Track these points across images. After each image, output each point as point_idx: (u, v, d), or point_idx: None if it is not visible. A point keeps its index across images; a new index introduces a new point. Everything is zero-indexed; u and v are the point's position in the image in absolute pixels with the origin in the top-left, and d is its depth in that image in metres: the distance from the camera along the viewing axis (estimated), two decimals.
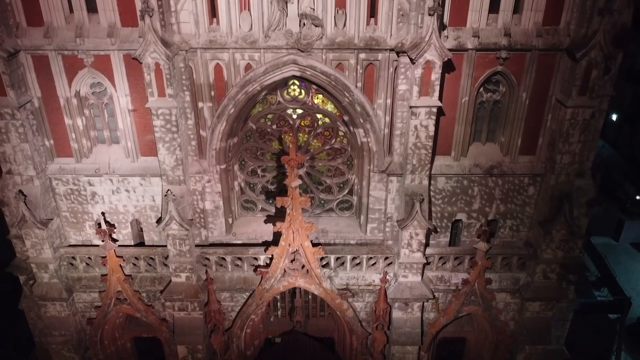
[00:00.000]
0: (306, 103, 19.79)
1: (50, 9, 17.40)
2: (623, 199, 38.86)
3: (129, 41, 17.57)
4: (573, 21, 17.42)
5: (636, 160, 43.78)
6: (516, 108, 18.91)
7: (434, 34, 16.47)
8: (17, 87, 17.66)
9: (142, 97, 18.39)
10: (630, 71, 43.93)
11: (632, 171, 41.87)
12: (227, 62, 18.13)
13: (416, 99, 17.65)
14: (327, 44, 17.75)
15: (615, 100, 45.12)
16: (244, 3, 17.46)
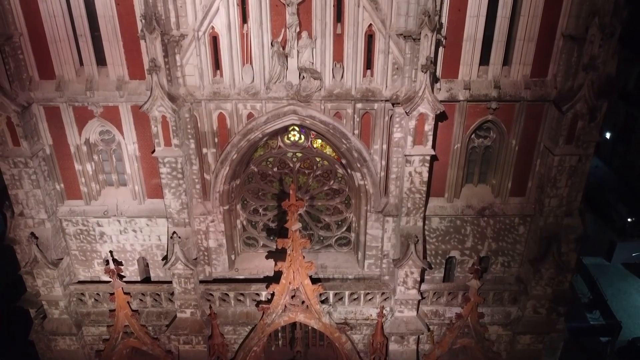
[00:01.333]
0: (306, 147, 20.65)
1: (62, 63, 18.28)
2: (615, 220, 39.69)
3: (136, 93, 18.45)
4: (559, 74, 18.31)
5: (629, 179, 44.63)
6: (506, 153, 19.79)
7: (427, 89, 17.36)
8: (30, 137, 18.54)
9: (148, 144, 19.26)
10: (624, 90, 44.73)
11: (625, 191, 42.72)
12: (230, 111, 19.00)
13: (410, 147, 18.53)
14: (326, 95, 18.64)
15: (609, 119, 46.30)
16: (246, 57, 18.32)
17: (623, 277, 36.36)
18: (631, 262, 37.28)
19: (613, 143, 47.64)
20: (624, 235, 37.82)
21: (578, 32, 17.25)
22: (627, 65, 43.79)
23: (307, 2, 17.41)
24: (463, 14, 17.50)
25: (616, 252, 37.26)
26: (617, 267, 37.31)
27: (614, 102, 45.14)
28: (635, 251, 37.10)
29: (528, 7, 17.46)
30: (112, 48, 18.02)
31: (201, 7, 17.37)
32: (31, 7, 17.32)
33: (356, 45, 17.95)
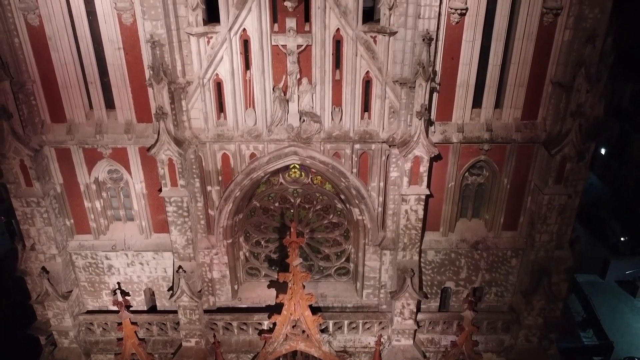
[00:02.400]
0: (306, 184, 21.45)
1: (72, 107, 19.10)
2: (609, 237, 40.45)
3: (144, 136, 19.27)
4: (549, 117, 19.13)
5: (623, 194, 45.40)
6: (498, 190, 20.60)
7: (421, 134, 18.19)
8: (42, 178, 19.35)
9: (155, 182, 20.09)
10: (618, 107, 45.54)
11: (618, 207, 43.47)
12: (234, 152, 19.81)
13: (406, 187, 19.35)
14: (325, 137, 19.45)
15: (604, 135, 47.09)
16: (249, 101, 19.13)
17: (616, 295, 37.15)
18: (625, 280, 38.01)
19: (607, 158, 48.40)
20: (617, 253, 38.56)
21: (566, 80, 18.08)
22: (621, 83, 44.66)
23: (307, 50, 18.23)
24: (456, 62, 18.31)
25: (610, 270, 38.03)
26: (611, 285, 38.09)
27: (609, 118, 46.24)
28: (628, 269, 37.86)
29: (518, 55, 18.29)
30: (121, 93, 18.84)
31: (206, 56, 18.18)
32: (43, 56, 18.14)
33: (354, 91, 18.78)
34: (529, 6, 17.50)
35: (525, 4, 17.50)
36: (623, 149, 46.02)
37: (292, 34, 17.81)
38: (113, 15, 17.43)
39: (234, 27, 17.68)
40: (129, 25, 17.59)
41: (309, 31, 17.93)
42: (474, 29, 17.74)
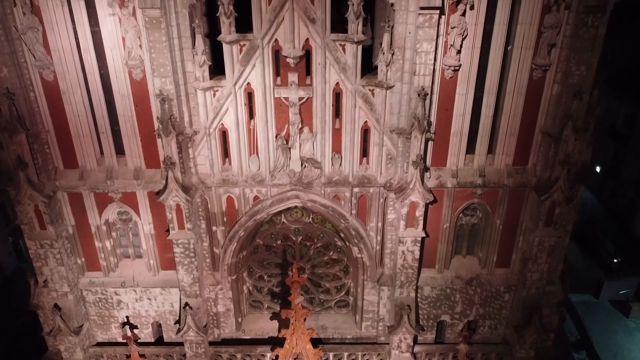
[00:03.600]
0: (307, 223, 22.35)
1: (84, 154, 20.03)
2: (604, 256, 41.28)
3: (152, 182, 20.18)
4: (539, 163, 20.04)
5: (618, 212, 46.23)
6: (491, 231, 21.52)
7: (417, 182, 19.12)
8: (55, 222, 20.25)
9: (162, 223, 20.99)
10: (612, 128, 46.41)
11: (613, 227, 44.31)
12: (238, 195, 20.73)
13: (403, 230, 20.27)
14: (326, 182, 20.37)
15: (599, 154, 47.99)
16: (253, 148, 20.05)
17: (610, 315, 37.96)
18: (618, 300, 38.83)
19: (603, 175, 49.18)
20: (611, 274, 39.37)
21: (554, 131, 18.99)
22: (615, 104, 45.60)
23: (308, 102, 19.15)
24: (450, 113, 19.24)
25: (604, 290, 38.85)
26: (604, 305, 38.89)
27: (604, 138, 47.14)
28: (622, 289, 38.69)
29: (509, 106, 19.21)
30: (131, 142, 19.76)
31: (212, 108, 19.10)
32: (57, 108, 19.07)
33: (353, 139, 19.70)
34: (519, 62, 18.42)
35: (516, 61, 18.42)
36: (618, 168, 46.82)
37: (294, 87, 18.74)
38: (124, 72, 18.35)
39: (239, 81, 18.60)
40: (139, 80, 18.51)
41: (310, 84, 18.85)
42: (466, 83, 18.66)
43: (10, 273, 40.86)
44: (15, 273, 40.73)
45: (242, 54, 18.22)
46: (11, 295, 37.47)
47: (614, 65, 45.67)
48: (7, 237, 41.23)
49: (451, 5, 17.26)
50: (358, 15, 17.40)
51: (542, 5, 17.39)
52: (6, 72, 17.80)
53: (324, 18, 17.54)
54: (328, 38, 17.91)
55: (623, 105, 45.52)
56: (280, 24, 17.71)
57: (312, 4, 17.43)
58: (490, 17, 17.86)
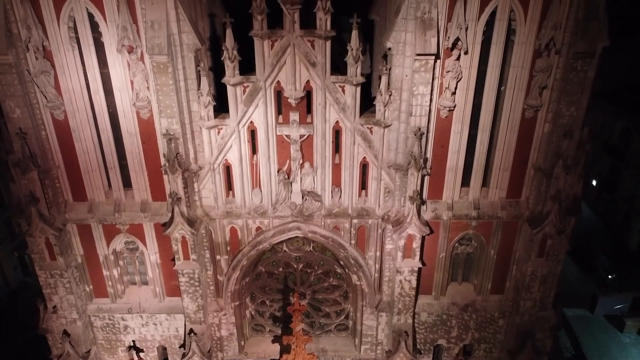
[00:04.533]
0: (308, 251, 23.09)
1: (93, 188, 20.77)
2: (599, 270, 41.99)
3: (159, 214, 20.93)
4: (531, 197, 20.77)
5: (613, 226, 46.92)
6: (486, 260, 22.26)
7: (414, 217, 19.86)
8: (64, 253, 20.99)
9: (168, 253, 21.72)
10: (608, 143, 47.12)
11: (609, 241, 45.01)
12: (241, 226, 21.47)
13: (400, 261, 21.03)
14: (326, 214, 21.11)
15: (595, 167, 48.68)
16: (256, 182, 20.78)
17: (605, 330, 38.66)
18: (613, 315, 39.53)
19: (599, 189, 49.86)
20: (605, 289, 40.08)
21: (546, 167, 19.72)
22: (611, 119, 46.31)
23: (309, 139, 19.88)
24: (445, 149, 19.98)
25: (598, 305, 39.56)
26: (599, 320, 39.57)
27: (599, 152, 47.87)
28: (616, 304, 39.41)
29: (502, 143, 19.95)
30: (138, 176, 20.50)
31: (216, 145, 19.84)
32: (68, 145, 19.82)
33: (352, 174, 20.44)
34: (512, 102, 19.15)
35: (508, 101, 19.16)
36: (613, 182, 47.51)
37: (295, 126, 19.48)
38: (132, 111, 19.09)
39: (242, 120, 19.35)
40: (146, 119, 19.26)
41: (310, 122, 19.59)
42: (461, 122, 19.40)
43: (16, 287, 41.57)
44: (20, 287, 41.52)
45: (246, 94, 18.96)
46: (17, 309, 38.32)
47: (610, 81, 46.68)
48: (12, 252, 41.94)
49: (446, 50, 18.00)
50: (357, 60, 18.14)
51: (534, 51, 18.12)
52: (19, 113, 18.54)
53: (324, 62, 18.28)
54: (328, 80, 18.65)
55: (619, 121, 46.20)
56: (282, 67, 18.45)
57: (312, 48, 18.16)
58: (484, 59, 18.59)
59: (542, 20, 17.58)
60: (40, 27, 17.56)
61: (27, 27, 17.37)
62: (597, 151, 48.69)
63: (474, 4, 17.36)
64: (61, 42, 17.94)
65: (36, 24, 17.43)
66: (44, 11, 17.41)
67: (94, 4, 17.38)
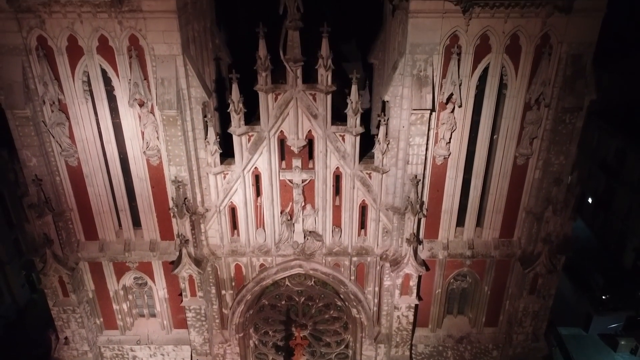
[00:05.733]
0: (309, 286, 24.03)
1: (104, 228, 21.72)
2: (594, 289, 42.86)
3: (167, 253, 21.89)
4: (523, 237, 21.72)
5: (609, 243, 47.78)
6: (480, 295, 23.21)
7: (411, 257, 20.81)
8: (77, 289, 21.95)
9: (176, 288, 22.68)
10: (604, 161, 47.98)
11: (604, 259, 45.87)
12: (246, 263, 22.44)
13: (398, 297, 21.98)
14: (326, 252, 22.08)
15: (591, 185, 49.54)
16: (260, 222, 21.74)
17: (599, 350, 39.46)
18: (607, 333, 40.41)
19: (594, 206, 50.73)
20: (599, 308, 40.95)
21: (537, 211, 20.67)
22: (607, 138, 47.18)
23: (310, 183, 20.83)
24: (441, 193, 20.91)
25: (593, 324, 40.41)
26: (594, 338, 40.37)
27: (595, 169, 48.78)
28: (611, 323, 40.30)
29: (495, 188, 20.89)
30: (147, 217, 21.45)
31: (222, 189, 20.79)
32: (80, 189, 20.77)
33: (352, 215, 21.39)
34: (504, 150, 20.09)
35: (501, 149, 20.09)
36: (608, 201, 48.40)
37: (298, 171, 20.43)
38: (142, 159, 20.05)
39: (247, 166, 20.30)
40: (156, 165, 20.22)
41: (312, 168, 20.54)
42: (456, 168, 20.34)
43: (24, 305, 42.49)
44: (28, 304, 42.47)
45: (251, 143, 19.93)
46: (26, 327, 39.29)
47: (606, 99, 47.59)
48: (20, 270, 42.89)
49: (441, 103, 18.94)
50: (356, 112, 19.08)
51: (524, 104, 19.07)
52: (35, 161, 19.51)
53: (325, 114, 19.23)
54: (329, 130, 19.61)
55: (614, 140, 47.05)
56: (285, 118, 19.42)
57: (314, 101, 19.13)
58: (477, 110, 19.52)
59: (532, 76, 18.52)
60: (57, 82, 18.52)
61: (44, 83, 18.33)
62: (592, 168, 49.87)
63: (467, 61, 18.31)
64: (76, 96, 18.90)
65: (52, 80, 18.39)
66: (59, 68, 18.36)
67: (107, 61, 18.33)
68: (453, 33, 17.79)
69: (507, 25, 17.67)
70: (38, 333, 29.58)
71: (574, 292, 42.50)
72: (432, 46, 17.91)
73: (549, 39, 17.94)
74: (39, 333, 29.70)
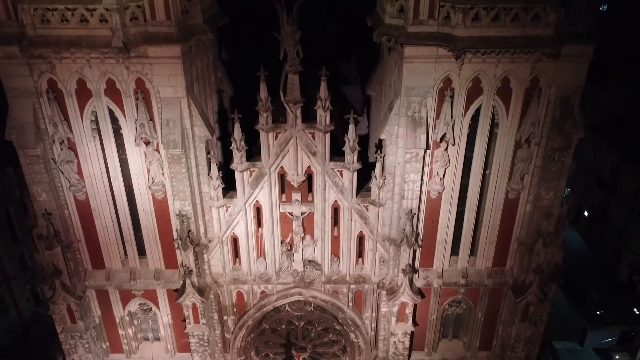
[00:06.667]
0: (309, 311, 24.80)
1: (110, 257, 22.49)
2: (589, 303, 43.61)
3: (171, 281, 22.66)
4: (515, 266, 22.48)
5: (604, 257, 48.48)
6: (474, 321, 23.98)
7: (406, 287, 21.57)
8: (84, 316, 22.74)
9: (179, 314, 23.44)
10: (599, 177, 48.70)
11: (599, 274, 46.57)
12: (247, 290, 23.22)
13: (394, 324, 22.76)
14: (325, 280, 22.86)
15: (587, 199, 50.22)
16: (260, 252, 22.51)
17: None
18: (602, 348, 41.18)
19: (591, 219, 51.43)
20: (594, 323, 41.71)
21: (528, 242, 21.44)
22: (602, 153, 47.91)
23: (309, 215, 21.59)
24: (436, 225, 21.68)
25: (588, 338, 41.19)
26: (589, 353, 41.19)
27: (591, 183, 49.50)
28: (605, 338, 41.08)
29: (488, 220, 21.64)
30: (152, 247, 22.22)
31: (225, 221, 21.58)
32: (88, 222, 21.54)
33: (349, 245, 22.17)
34: (496, 185, 20.84)
35: (493, 183, 20.85)
36: (604, 215, 49.12)
37: (297, 204, 21.19)
38: (148, 193, 20.82)
39: (249, 200, 21.08)
40: (161, 199, 20.97)
41: (311, 201, 21.30)
42: (449, 201, 21.10)
43: (29, 318, 43.28)
44: (33, 318, 43.28)
45: (252, 178, 20.70)
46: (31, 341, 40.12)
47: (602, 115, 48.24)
48: (25, 285, 43.68)
49: (435, 142, 19.70)
50: (354, 150, 19.85)
51: (515, 142, 19.83)
52: (45, 196, 20.29)
53: (324, 152, 20.00)
54: (327, 166, 20.38)
55: (609, 156, 47.76)
56: (285, 155, 20.18)
57: (313, 139, 19.90)
58: (470, 147, 20.28)
59: (523, 116, 19.29)
60: (66, 122, 19.30)
61: (54, 124, 19.11)
62: (588, 182, 50.61)
63: (460, 102, 19.07)
64: (84, 134, 19.68)
65: (62, 120, 19.17)
66: (69, 109, 19.14)
67: (114, 102, 19.11)
68: (446, 76, 18.55)
69: (498, 70, 18.43)
70: (43, 347, 30.36)
71: (569, 307, 43.27)
72: (426, 89, 18.69)
73: (538, 82, 18.70)
74: (44, 347, 30.53)
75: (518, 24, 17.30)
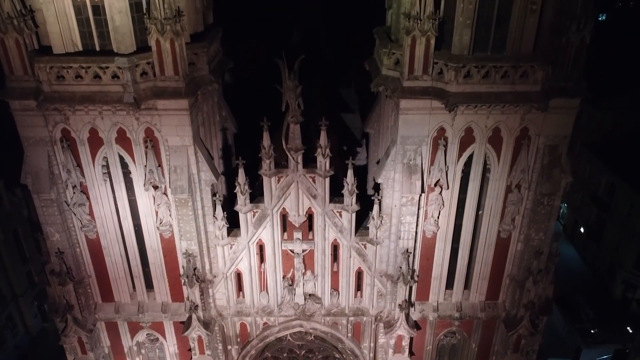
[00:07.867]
0: (309, 340, 25.79)
1: (119, 291, 23.48)
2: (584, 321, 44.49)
3: (177, 314, 23.64)
4: (508, 300, 23.43)
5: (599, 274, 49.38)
6: (468, 351, 24.96)
7: (403, 321, 22.54)
8: (94, 347, 23.73)
9: (185, 344, 24.43)
10: (595, 195, 49.61)
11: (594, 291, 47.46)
12: (250, 322, 24.21)
13: (392, 355, 23.72)
14: (325, 313, 23.84)
15: (583, 215, 51.11)
16: (263, 286, 23.50)
17: None
18: None
19: (587, 236, 52.32)
20: (589, 340, 42.58)
21: (519, 278, 22.39)
22: (598, 172, 48.81)
23: (310, 252, 22.58)
24: (431, 262, 22.65)
25: (582, 356, 42.11)
26: None
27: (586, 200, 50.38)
28: (599, 356, 42.00)
29: (481, 257, 22.60)
30: (159, 282, 23.21)
31: (229, 258, 22.57)
32: (98, 259, 22.55)
33: (348, 280, 23.15)
34: (488, 225, 21.79)
35: (485, 224, 21.81)
36: (599, 232, 50.01)
37: (299, 242, 22.17)
38: (156, 233, 21.80)
39: (252, 238, 22.07)
40: (168, 238, 21.96)
41: (312, 239, 22.28)
42: (444, 240, 22.06)
43: (36, 334, 44.28)
44: (40, 334, 44.30)
45: (255, 218, 21.69)
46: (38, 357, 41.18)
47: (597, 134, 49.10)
48: (32, 301, 44.72)
49: (429, 186, 20.66)
50: (352, 193, 20.84)
51: (506, 186, 20.79)
52: (57, 237, 21.30)
53: (324, 195, 20.99)
54: (327, 208, 21.36)
55: (604, 175, 48.65)
56: (287, 198, 21.16)
57: (313, 183, 20.88)
58: (463, 189, 21.25)
59: (513, 163, 20.26)
60: (78, 169, 20.30)
61: (67, 170, 20.11)
62: (584, 198, 51.53)
63: (453, 150, 20.05)
64: (95, 179, 20.67)
65: (74, 167, 20.18)
66: (81, 156, 20.15)
67: (125, 149, 20.11)
68: (440, 126, 19.53)
69: (489, 120, 19.41)
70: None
71: (564, 324, 44.14)
72: (421, 138, 19.67)
73: (527, 132, 19.67)
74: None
75: (507, 81, 18.29)
